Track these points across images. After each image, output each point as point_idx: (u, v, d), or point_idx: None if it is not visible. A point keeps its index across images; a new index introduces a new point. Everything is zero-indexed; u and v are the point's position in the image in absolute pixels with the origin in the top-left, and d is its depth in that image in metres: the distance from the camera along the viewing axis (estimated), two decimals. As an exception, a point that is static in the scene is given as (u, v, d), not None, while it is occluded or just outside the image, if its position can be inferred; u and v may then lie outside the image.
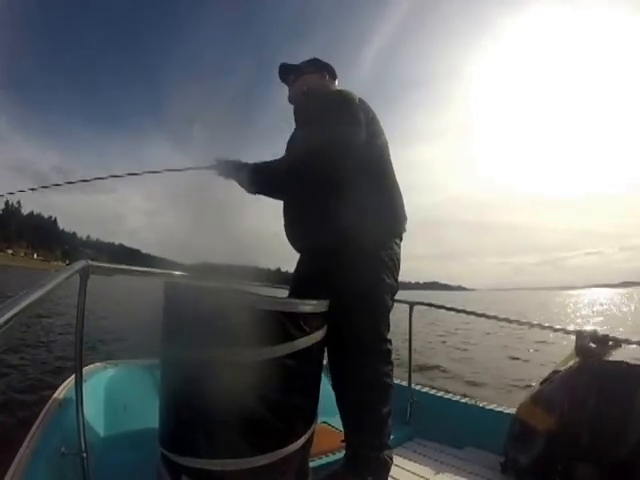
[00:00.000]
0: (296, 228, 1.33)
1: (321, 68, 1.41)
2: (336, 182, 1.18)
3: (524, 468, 1.36)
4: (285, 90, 1.45)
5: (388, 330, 1.26)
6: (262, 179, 1.28)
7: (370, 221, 1.19)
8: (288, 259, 1.42)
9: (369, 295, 1.20)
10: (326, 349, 1.26)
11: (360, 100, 1.24)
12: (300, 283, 1.36)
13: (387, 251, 1.24)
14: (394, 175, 1.32)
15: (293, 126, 1.45)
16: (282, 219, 1.38)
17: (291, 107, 1.43)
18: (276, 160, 1.35)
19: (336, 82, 1.44)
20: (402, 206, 1.32)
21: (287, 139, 1.46)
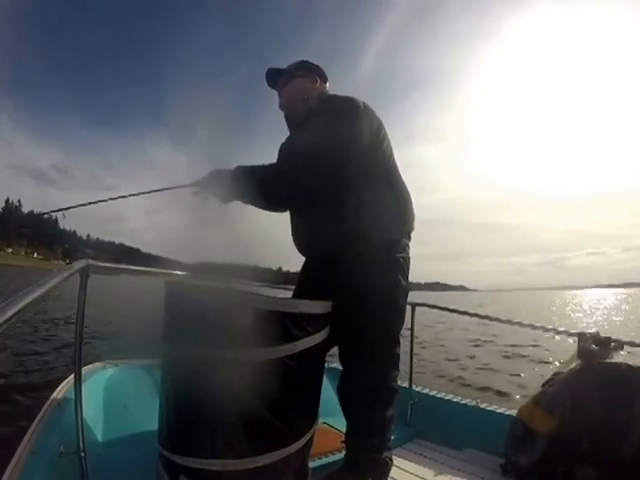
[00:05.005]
0: (307, 232, 1.29)
1: (311, 71, 1.34)
2: (346, 183, 1.15)
3: (525, 470, 1.36)
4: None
5: (400, 332, 1.25)
6: (260, 188, 1.16)
7: (384, 222, 1.18)
8: (289, 258, 1.41)
9: (386, 298, 1.18)
10: (337, 351, 1.25)
11: (365, 105, 1.21)
12: (309, 286, 1.32)
13: (401, 252, 1.23)
14: (401, 177, 1.31)
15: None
16: (285, 222, 1.35)
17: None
18: (273, 165, 1.26)
19: (327, 85, 1.37)
20: (412, 205, 1.31)
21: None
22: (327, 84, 1.38)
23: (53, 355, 5.02)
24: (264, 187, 1.16)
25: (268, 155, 1.47)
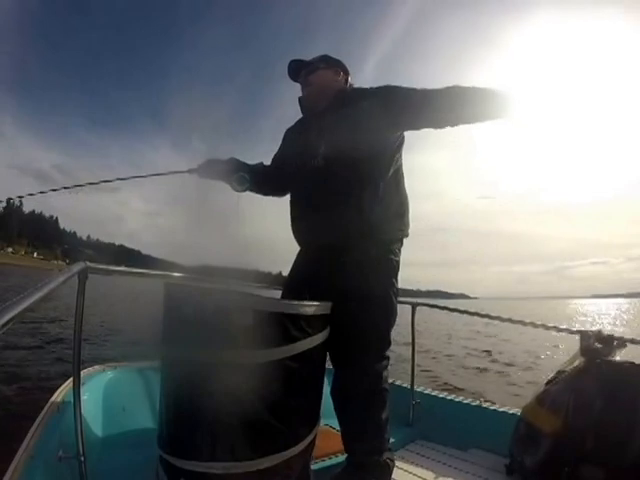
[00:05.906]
0: (311, 221, 1.26)
1: (334, 64, 1.36)
2: (359, 181, 1.17)
3: (530, 470, 1.34)
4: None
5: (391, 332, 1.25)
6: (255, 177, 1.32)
7: (387, 223, 1.19)
8: (289, 262, 1.39)
9: (383, 301, 1.19)
10: (329, 353, 1.24)
11: None
12: (301, 283, 1.30)
13: (394, 256, 1.24)
14: (404, 183, 1.31)
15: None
16: (286, 225, 1.35)
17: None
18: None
19: (349, 78, 1.39)
20: (409, 213, 1.31)
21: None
22: (349, 77, 1.39)
23: (52, 358, 5.00)
24: (258, 175, 1.33)
25: (267, 160, 1.47)
